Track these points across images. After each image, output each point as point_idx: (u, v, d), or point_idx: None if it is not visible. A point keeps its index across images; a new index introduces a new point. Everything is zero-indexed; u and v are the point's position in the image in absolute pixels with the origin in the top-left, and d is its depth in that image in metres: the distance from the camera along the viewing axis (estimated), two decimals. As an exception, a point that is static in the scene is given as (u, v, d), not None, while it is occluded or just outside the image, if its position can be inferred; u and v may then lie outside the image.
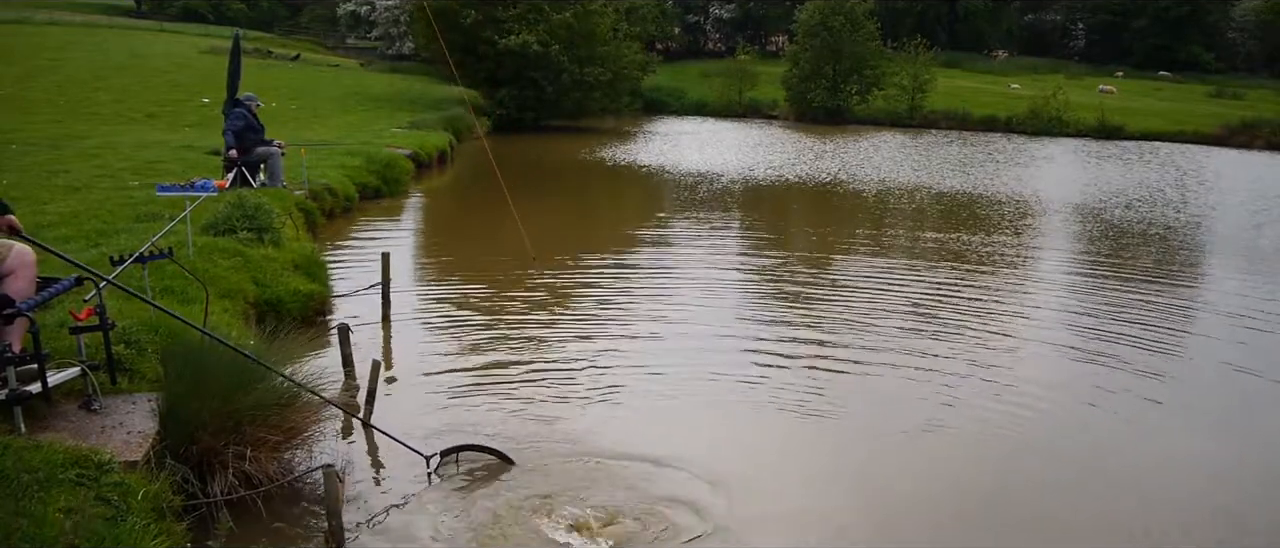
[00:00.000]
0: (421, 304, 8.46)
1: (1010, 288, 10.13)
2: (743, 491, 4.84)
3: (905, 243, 12.54)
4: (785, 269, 10.61)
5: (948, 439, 5.78)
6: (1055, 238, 13.71)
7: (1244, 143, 34.70)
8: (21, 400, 3.88)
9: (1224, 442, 6.03)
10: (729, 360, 7.04)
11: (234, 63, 11.96)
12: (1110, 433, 6.03)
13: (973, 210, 15.76)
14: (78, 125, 17.83)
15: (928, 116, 38.87)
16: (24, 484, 3.30)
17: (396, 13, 50.10)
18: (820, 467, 5.28)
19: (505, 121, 29.38)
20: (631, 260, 10.81)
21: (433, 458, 4.88)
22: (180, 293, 6.01)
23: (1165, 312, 9.22)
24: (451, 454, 4.97)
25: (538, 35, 28.47)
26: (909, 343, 7.65)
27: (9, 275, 4.10)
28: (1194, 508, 5.05)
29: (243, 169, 11.20)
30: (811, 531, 4.53)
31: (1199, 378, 7.41)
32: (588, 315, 8.24)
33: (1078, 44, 63.83)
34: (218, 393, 4.24)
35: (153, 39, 42.40)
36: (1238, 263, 12.37)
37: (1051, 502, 5.00)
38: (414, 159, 17.48)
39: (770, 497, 4.84)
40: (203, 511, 4.06)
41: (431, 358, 6.87)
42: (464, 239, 12.36)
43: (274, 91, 24.63)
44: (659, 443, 5.34)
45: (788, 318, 8.43)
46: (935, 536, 4.63)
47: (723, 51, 55.75)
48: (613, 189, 18.42)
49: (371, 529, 4.30)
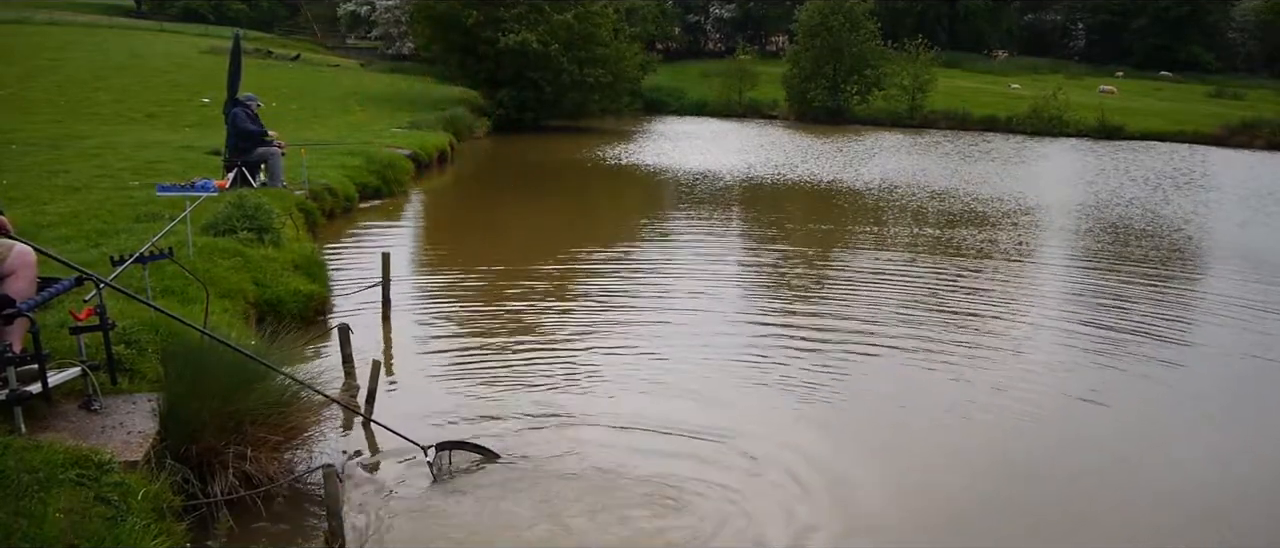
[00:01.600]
0: (422, 304, 8.46)
1: (1010, 285, 10.12)
2: (748, 490, 4.84)
3: (907, 240, 12.53)
4: (786, 267, 10.60)
5: (956, 432, 5.80)
6: (1055, 235, 13.70)
7: (1244, 143, 34.68)
8: (22, 401, 3.88)
9: (1234, 432, 6.07)
10: (730, 361, 7.04)
11: (234, 63, 11.96)
12: (1122, 424, 6.06)
13: (973, 208, 15.75)
14: (78, 125, 17.83)
15: (928, 117, 38.84)
16: (24, 484, 3.30)
17: (397, 13, 50.07)
18: (820, 464, 5.27)
19: (505, 122, 29.38)
20: (632, 260, 10.81)
21: (429, 450, 4.87)
22: (180, 293, 6.01)
23: (1170, 304, 9.24)
24: (447, 450, 4.97)
25: (538, 35, 28.48)
26: (911, 338, 7.66)
27: (10, 276, 4.10)
28: (1206, 500, 5.07)
29: (243, 169, 11.22)
30: (817, 524, 4.53)
31: (1209, 367, 7.46)
32: (589, 315, 8.24)
33: (1078, 44, 63.81)
34: (218, 393, 4.24)
35: (153, 39, 42.41)
36: (1239, 259, 12.37)
37: (1065, 494, 5.02)
38: (414, 159, 17.49)
39: (776, 496, 4.84)
40: (203, 511, 4.06)
41: (432, 358, 6.88)
42: (464, 239, 12.36)
43: (274, 92, 24.61)
44: (660, 441, 5.35)
45: (791, 310, 8.44)
46: (947, 527, 4.64)
47: (723, 51, 55.71)
48: (613, 189, 18.42)
49: (371, 529, 4.30)
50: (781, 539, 4.42)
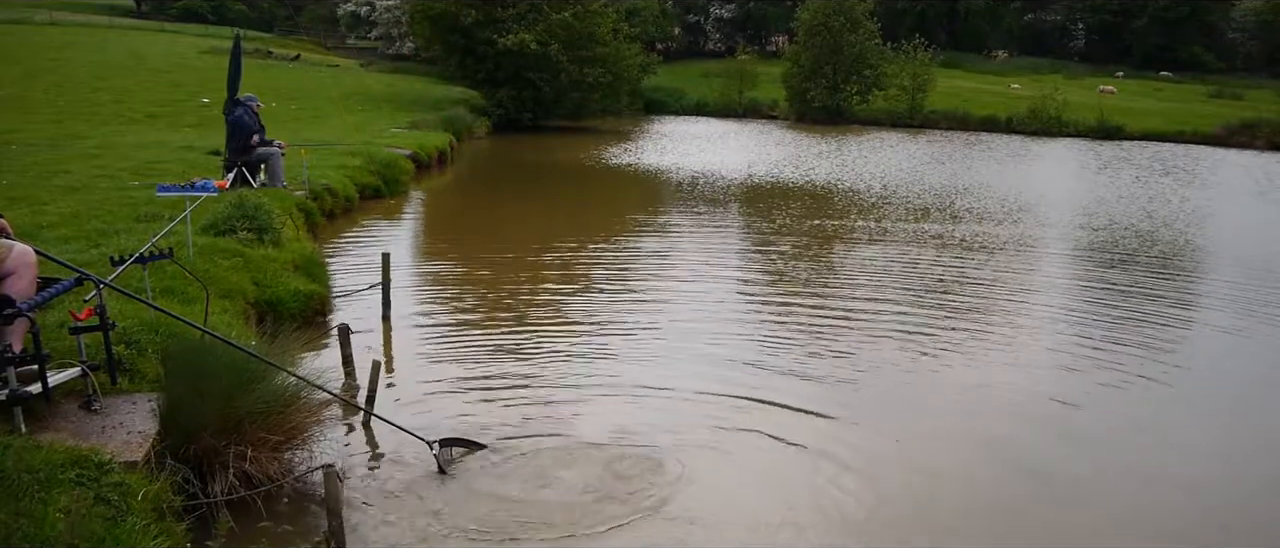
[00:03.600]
0: (422, 304, 8.46)
1: (1011, 284, 10.12)
2: (747, 489, 4.84)
3: (908, 239, 12.52)
4: (786, 267, 10.60)
5: (956, 433, 5.78)
6: (1054, 235, 13.69)
7: (1244, 143, 34.69)
8: (22, 401, 3.88)
9: (1235, 431, 6.08)
10: (732, 359, 7.03)
11: (234, 63, 11.97)
12: (1120, 425, 6.06)
13: (973, 208, 15.75)
14: (78, 125, 17.84)
15: (928, 117, 38.87)
16: (24, 484, 3.30)
17: (397, 13, 50.10)
18: (820, 462, 5.27)
19: (505, 122, 29.39)
20: (632, 259, 10.81)
21: (433, 444, 4.91)
22: (180, 293, 6.01)
23: (1170, 304, 9.23)
24: (449, 447, 4.99)
25: (537, 34, 28.47)
26: (912, 336, 7.66)
27: (10, 276, 4.11)
28: (1208, 500, 5.07)
29: (243, 169, 11.22)
30: (809, 526, 4.53)
31: (1210, 366, 7.47)
32: (589, 313, 8.24)
33: (1078, 44, 63.79)
34: (218, 393, 4.24)
35: (153, 39, 42.44)
36: (1241, 256, 12.37)
37: (1065, 496, 5.01)
38: (414, 159, 17.49)
39: (778, 495, 4.84)
40: (203, 511, 4.06)
41: (432, 358, 6.87)
42: (464, 238, 12.36)
43: (274, 92, 24.64)
44: (661, 441, 5.35)
45: (789, 309, 8.43)
46: (946, 530, 4.63)
47: (723, 51, 55.72)
48: (613, 188, 18.41)
49: (372, 529, 4.30)
50: (777, 535, 4.42)
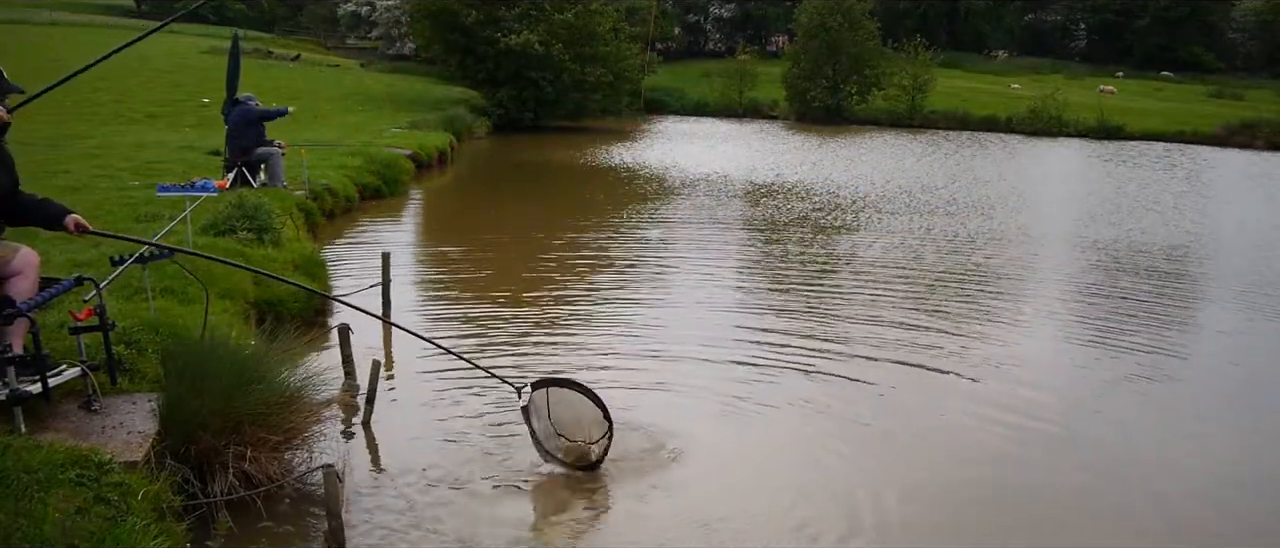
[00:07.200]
0: (422, 304, 8.46)
1: (1012, 283, 10.13)
2: (743, 491, 4.84)
3: (908, 237, 12.52)
4: (785, 267, 10.61)
5: (954, 434, 5.80)
6: (1056, 232, 13.69)
7: (1244, 143, 34.67)
8: (21, 401, 3.88)
9: (1235, 438, 6.08)
10: (732, 360, 7.04)
11: (233, 63, 11.97)
12: (1124, 424, 6.07)
13: (974, 206, 15.74)
14: (78, 125, 17.83)
15: (928, 117, 38.83)
16: (24, 484, 3.30)
17: (397, 13, 50.06)
18: (820, 460, 5.28)
19: (505, 122, 29.37)
20: (632, 258, 10.81)
21: (523, 390, 4.94)
22: (180, 293, 6.01)
23: (1170, 305, 9.23)
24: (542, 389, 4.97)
25: (538, 34, 28.46)
26: (911, 336, 7.66)
27: (15, 276, 4.12)
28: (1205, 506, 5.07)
29: (243, 169, 11.22)
30: (809, 521, 4.53)
31: (1209, 372, 7.47)
32: (589, 313, 8.25)
33: (1078, 44, 63.76)
34: (218, 393, 4.24)
35: (153, 39, 42.26)
36: (1241, 256, 12.38)
37: (1063, 499, 5.02)
38: (414, 159, 17.49)
39: (780, 497, 4.84)
40: (203, 511, 4.07)
41: (432, 357, 6.86)
42: (464, 239, 12.35)
43: (274, 92, 24.60)
44: (661, 438, 5.35)
45: (789, 311, 8.44)
46: (945, 530, 4.64)
47: (723, 51, 55.69)
48: (614, 188, 18.40)
49: (372, 530, 4.30)
50: (774, 526, 4.43)
